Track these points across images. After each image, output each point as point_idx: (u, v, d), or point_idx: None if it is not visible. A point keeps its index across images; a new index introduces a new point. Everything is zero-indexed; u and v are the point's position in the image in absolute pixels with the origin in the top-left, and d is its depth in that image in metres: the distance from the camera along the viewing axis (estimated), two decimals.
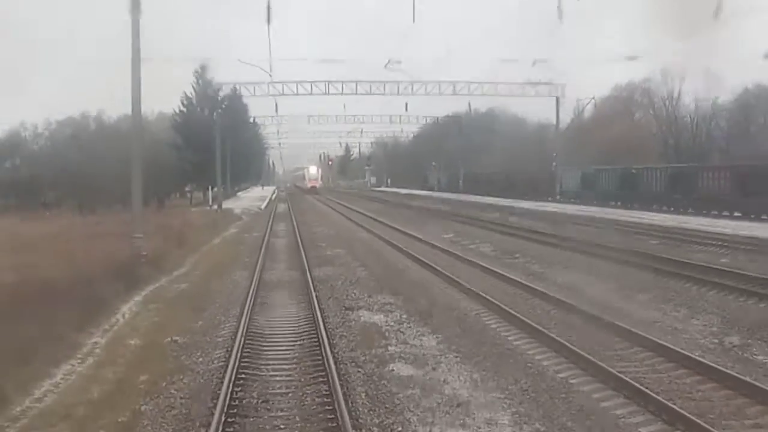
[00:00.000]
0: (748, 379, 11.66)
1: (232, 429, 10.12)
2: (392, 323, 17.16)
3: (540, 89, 70.82)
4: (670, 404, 10.44)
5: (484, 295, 19.46)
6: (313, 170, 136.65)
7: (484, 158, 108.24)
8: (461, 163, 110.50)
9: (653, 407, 10.56)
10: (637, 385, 11.36)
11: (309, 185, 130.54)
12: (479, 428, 10.17)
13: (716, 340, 14.96)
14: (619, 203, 63.21)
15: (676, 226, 39.32)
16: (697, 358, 12.94)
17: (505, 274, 23.59)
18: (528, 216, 51.85)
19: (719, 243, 30.83)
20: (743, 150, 75.54)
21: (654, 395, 10.85)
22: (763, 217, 44.41)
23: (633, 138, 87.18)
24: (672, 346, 13.73)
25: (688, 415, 9.96)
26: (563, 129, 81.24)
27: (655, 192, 60.65)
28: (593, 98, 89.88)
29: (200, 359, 14.28)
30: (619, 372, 12.07)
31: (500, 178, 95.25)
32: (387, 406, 11.17)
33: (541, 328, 15.40)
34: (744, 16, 32.60)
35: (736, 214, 42.72)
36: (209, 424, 10.01)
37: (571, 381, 12.17)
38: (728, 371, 12.11)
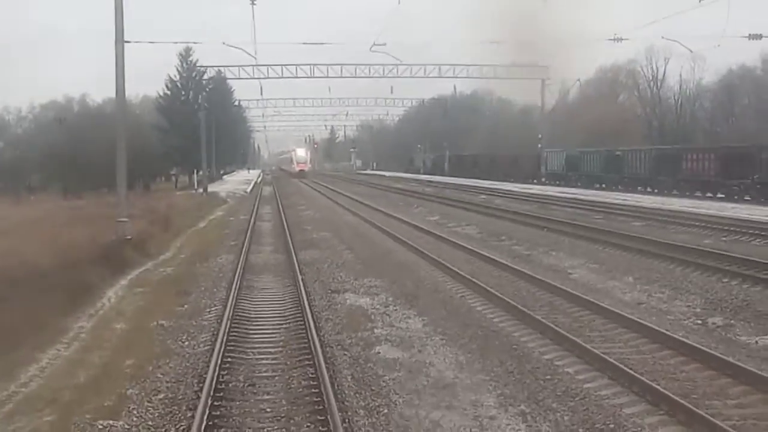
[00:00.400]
0: (731, 359, 11.78)
1: (218, 412, 10.14)
2: (378, 306, 17.23)
3: (525, 71, 70.71)
4: (653, 385, 10.53)
5: (469, 277, 19.57)
6: (301, 152, 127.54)
7: (469, 141, 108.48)
8: (447, 145, 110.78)
9: (637, 388, 10.65)
10: (622, 366, 11.46)
11: (297, 168, 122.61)
12: (465, 410, 10.22)
13: (700, 321, 15.10)
14: (603, 185, 63.39)
15: (660, 207, 39.53)
16: (681, 338, 13.07)
17: (491, 256, 23.72)
18: (513, 198, 51.96)
19: (702, 224, 30.99)
20: (727, 131, 75.95)
21: (638, 376, 10.95)
22: (746, 198, 44.72)
23: (617, 120, 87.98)
24: (656, 327, 13.86)
25: (671, 395, 10.06)
26: (549, 111, 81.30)
27: (639, 174, 60.92)
28: (578, 80, 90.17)
29: (186, 343, 14.32)
30: (603, 353, 12.18)
31: (485, 160, 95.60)
32: (373, 388, 11.23)
33: (526, 310, 15.50)
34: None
35: (719, 195, 42.71)
36: (195, 408, 10.03)
37: (557, 362, 12.28)
38: (711, 352, 12.23)
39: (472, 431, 9.49)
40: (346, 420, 9.76)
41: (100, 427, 9.96)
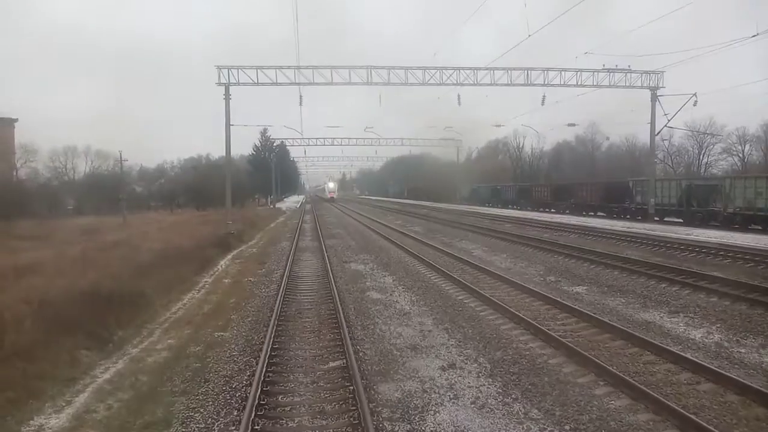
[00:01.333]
0: (558, 299, 11.97)
1: (281, 328, 10.33)
2: (368, 270, 17.35)
3: (448, 142, 71.24)
4: (516, 312, 10.79)
5: (416, 253, 19.71)
6: (331, 185, 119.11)
7: (418, 178, 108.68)
8: (405, 181, 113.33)
9: (509, 315, 10.89)
10: (500, 303, 11.70)
11: (329, 195, 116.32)
12: (415, 326, 10.46)
13: (542, 279, 15.28)
14: (489, 204, 63.61)
15: (520, 216, 39.73)
16: (531, 288, 13.28)
17: (430, 243, 23.83)
18: (441, 211, 52.02)
19: (544, 226, 31.16)
20: (556, 176, 78.03)
21: (508, 308, 11.21)
22: (566, 212, 45.07)
23: (497, 169, 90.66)
24: (518, 282, 14.06)
25: (526, 318, 10.36)
26: (462, 163, 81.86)
27: (509, 198, 61.22)
28: (477, 147, 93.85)
29: (263, 290, 14.47)
30: (489, 296, 12.41)
31: (426, 190, 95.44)
32: (365, 314, 11.44)
33: (448, 272, 15.67)
34: (557, 103, 32.98)
35: (600, 214, 41.60)
36: (268, 325, 10.23)
37: (465, 301, 12.51)
38: (547, 295, 12.50)
39: (418, 338, 9.63)
40: (351, 331, 9.94)
41: (216, 335, 10.16)
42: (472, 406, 6.75)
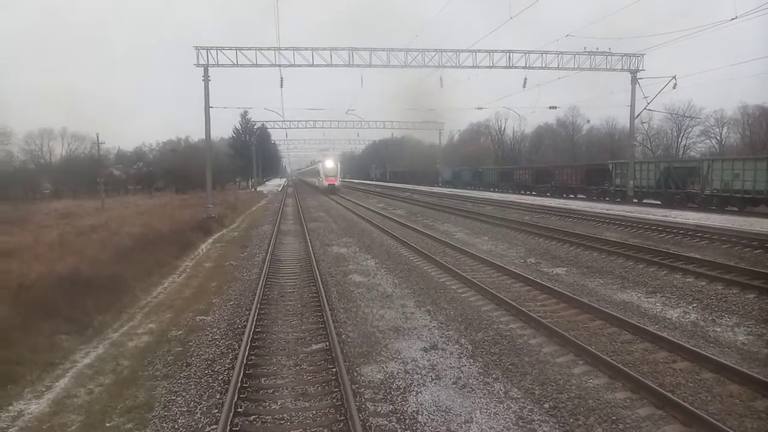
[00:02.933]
0: (538, 280, 12.14)
1: (264, 311, 10.31)
2: (351, 253, 17.35)
3: (430, 125, 71.11)
4: (496, 293, 10.91)
5: (400, 237, 19.73)
6: (330, 164, 63.22)
7: (400, 162, 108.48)
8: (387, 165, 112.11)
9: (489, 296, 11.02)
10: (481, 284, 11.80)
11: (326, 183, 61.15)
12: (397, 309, 10.51)
13: (522, 261, 15.41)
14: (471, 187, 63.87)
15: (501, 199, 39.92)
16: (512, 270, 13.38)
17: (412, 226, 23.88)
18: (423, 194, 52.08)
19: (525, 208, 31.37)
20: (537, 159, 78.63)
21: (488, 289, 11.31)
22: (547, 194, 45.39)
23: (480, 151, 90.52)
24: (499, 263, 14.17)
25: (506, 299, 10.46)
26: (444, 146, 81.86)
27: (491, 181, 61.50)
28: (459, 130, 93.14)
29: (245, 273, 14.40)
30: (471, 278, 12.51)
31: (408, 172, 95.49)
32: (347, 297, 11.45)
33: (430, 255, 15.72)
34: (539, 86, 33.10)
35: (580, 196, 41.91)
36: (251, 308, 10.20)
37: (447, 283, 12.58)
38: (527, 276, 12.63)
39: (401, 320, 9.68)
40: (333, 313, 9.95)
41: (198, 319, 10.12)
42: (454, 386, 6.84)
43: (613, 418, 5.94)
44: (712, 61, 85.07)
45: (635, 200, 34.77)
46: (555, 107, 43.35)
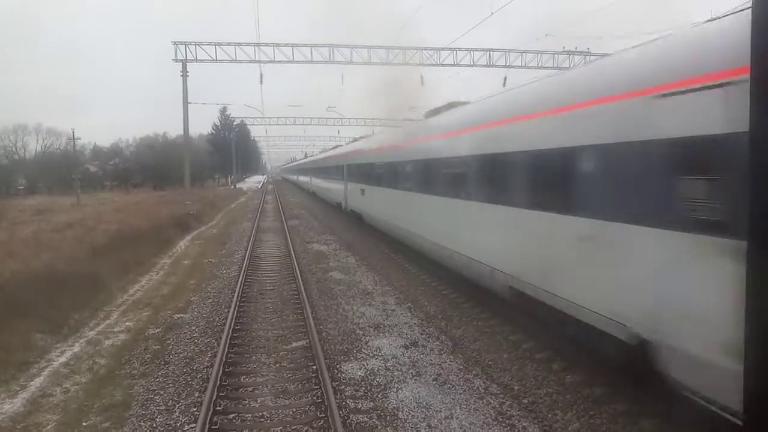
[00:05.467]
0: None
1: (243, 309, 10.27)
2: (331, 251, 17.32)
3: (396, 122, 71.63)
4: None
5: (381, 233, 19.63)
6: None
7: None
8: None
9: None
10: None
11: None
12: (378, 306, 10.53)
13: None
14: None
15: None
16: None
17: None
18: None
19: None
20: None
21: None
22: None
23: None
24: None
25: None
26: None
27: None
28: None
29: (224, 271, 14.30)
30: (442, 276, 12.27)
31: None
32: (328, 295, 11.45)
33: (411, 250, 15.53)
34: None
35: None
36: (230, 306, 10.15)
37: (427, 280, 12.50)
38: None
39: (381, 317, 9.69)
40: (314, 311, 9.94)
41: (176, 317, 10.03)
42: (434, 382, 6.87)
43: None
44: None
45: None
46: None
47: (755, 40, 2.33)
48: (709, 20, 4.94)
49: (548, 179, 6.76)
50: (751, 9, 2.42)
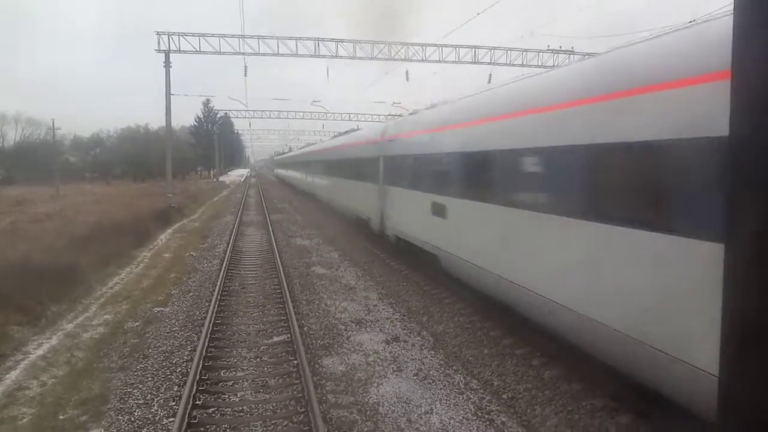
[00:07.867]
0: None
1: (224, 303, 10.20)
2: (314, 245, 17.31)
3: (397, 119, 71.58)
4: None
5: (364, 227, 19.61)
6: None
7: None
8: None
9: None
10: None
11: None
12: (360, 301, 10.53)
13: None
14: None
15: None
16: None
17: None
18: None
19: None
20: None
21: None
22: None
23: None
24: None
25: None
26: None
27: None
28: None
29: (206, 264, 14.20)
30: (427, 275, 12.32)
31: None
32: (310, 290, 11.42)
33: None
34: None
35: None
36: (211, 300, 10.08)
37: (408, 275, 12.58)
38: None
39: (363, 312, 9.70)
40: (296, 306, 9.90)
41: (156, 311, 9.93)
42: (415, 377, 6.89)
43: None
44: None
45: None
46: None
47: (736, 46, 2.38)
48: (688, 24, 4.98)
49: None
50: (732, 15, 2.47)
